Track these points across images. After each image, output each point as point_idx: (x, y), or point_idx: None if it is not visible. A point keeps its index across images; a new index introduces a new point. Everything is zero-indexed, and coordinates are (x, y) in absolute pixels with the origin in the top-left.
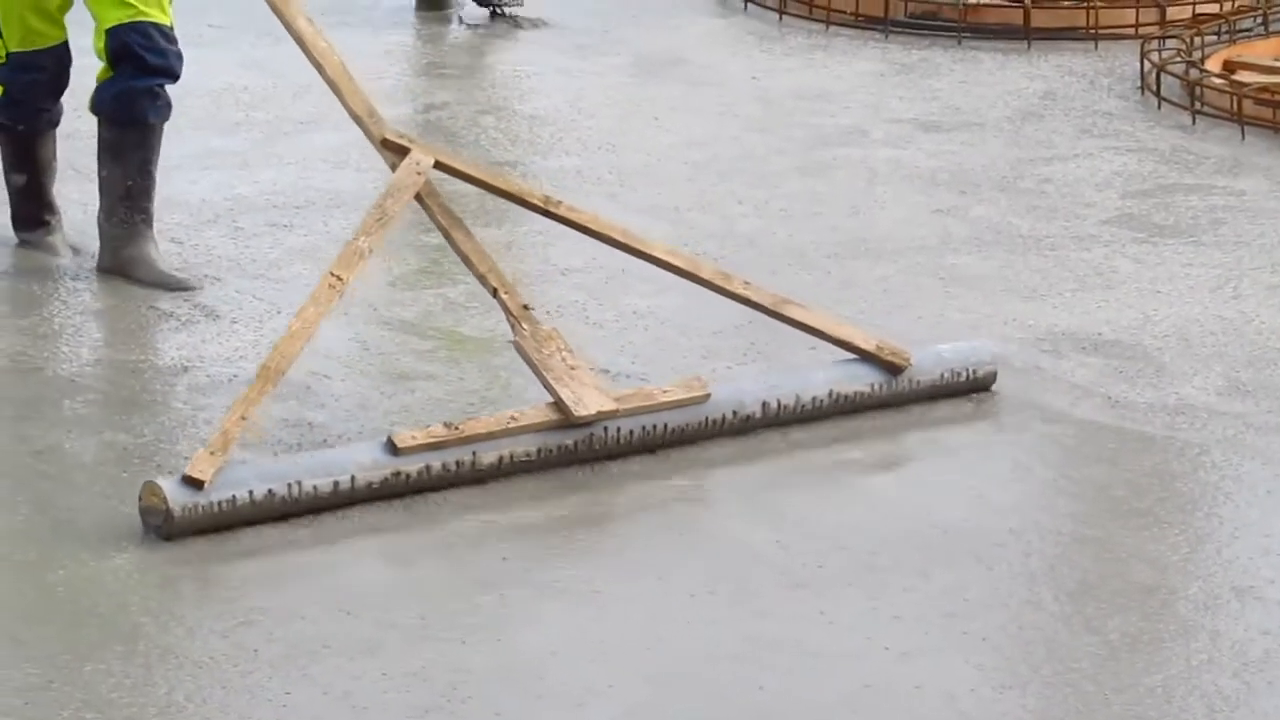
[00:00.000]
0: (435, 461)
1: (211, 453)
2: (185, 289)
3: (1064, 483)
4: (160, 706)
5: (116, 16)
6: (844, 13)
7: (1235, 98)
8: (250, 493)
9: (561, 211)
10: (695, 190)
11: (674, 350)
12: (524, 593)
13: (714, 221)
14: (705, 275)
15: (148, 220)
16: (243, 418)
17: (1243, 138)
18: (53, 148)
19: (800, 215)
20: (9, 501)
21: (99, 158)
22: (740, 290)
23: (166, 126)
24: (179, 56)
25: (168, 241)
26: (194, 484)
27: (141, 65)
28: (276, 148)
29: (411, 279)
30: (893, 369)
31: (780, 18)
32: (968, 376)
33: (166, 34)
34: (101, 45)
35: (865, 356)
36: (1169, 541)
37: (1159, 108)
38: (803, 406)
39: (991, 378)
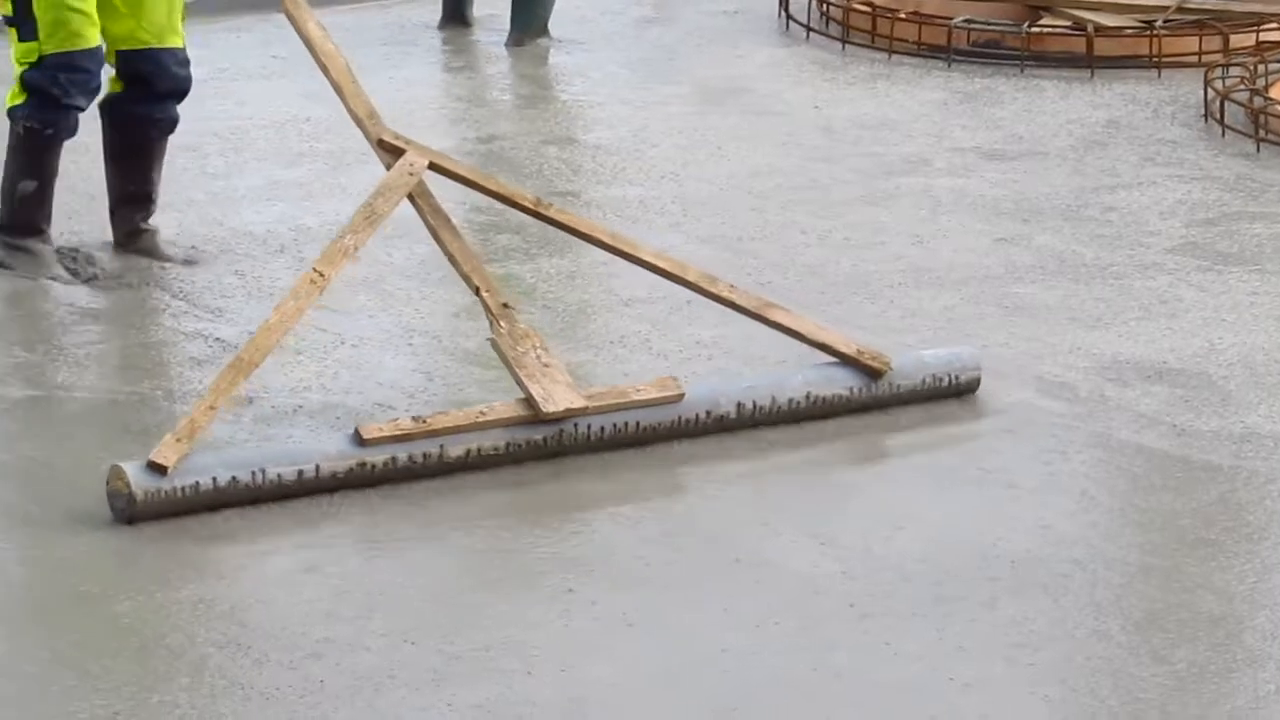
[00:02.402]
0: (401, 454)
1: (178, 440)
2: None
3: (1130, 512)
4: None
5: (129, 40)
6: (906, 41)
7: None
8: (214, 479)
9: (551, 213)
10: (758, 220)
11: None
12: (589, 623)
13: (777, 251)
14: (691, 278)
15: (146, 216)
16: (212, 407)
17: None
18: (59, 158)
19: (863, 245)
20: (77, 532)
21: (105, 154)
22: (725, 293)
23: (231, 158)
24: (189, 75)
25: (232, 274)
26: (158, 469)
27: (151, 93)
28: (340, 179)
29: (475, 309)
30: (873, 373)
31: (843, 47)
32: (950, 382)
33: (180, 58)
34: (112, 60)
35: (846, 360)
36: (1236, 571)
37: (1223, 135)
38: (779, 408)
39: (975, 383)
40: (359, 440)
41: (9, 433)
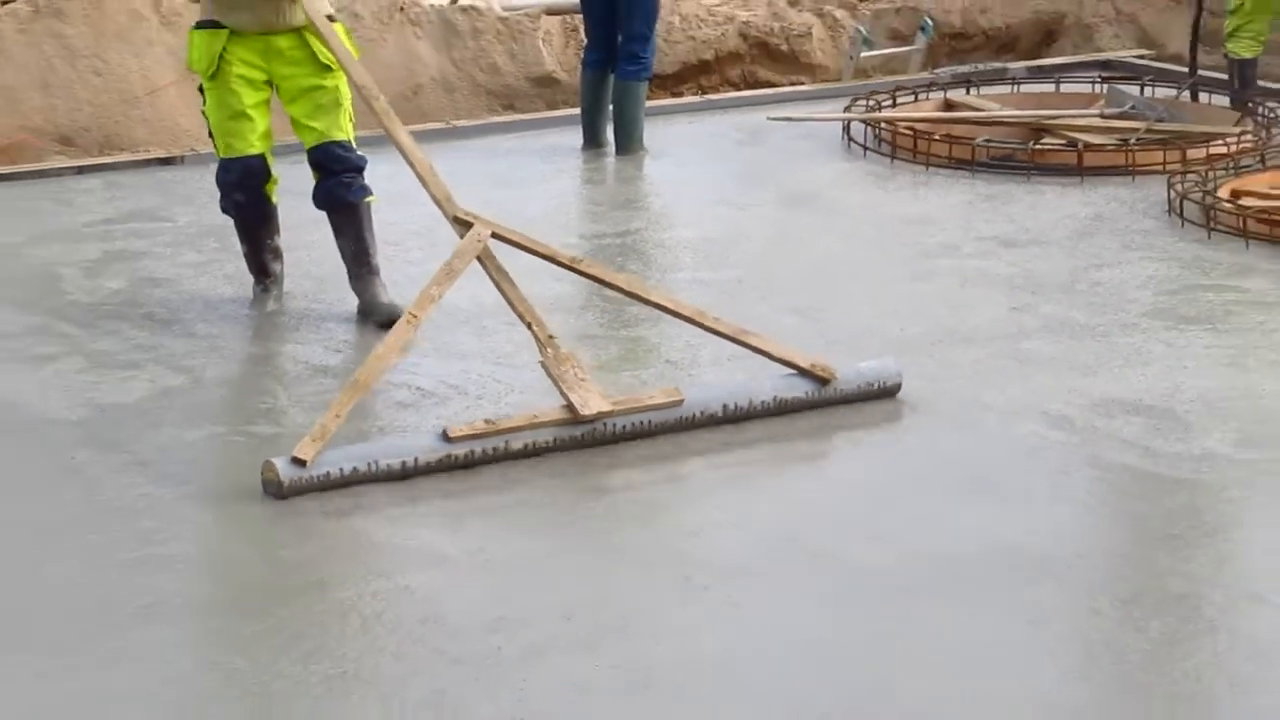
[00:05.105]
0: (478, 447)
1: (313, 440)
2: (399, 314)
3: (1116, 516)
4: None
5: (310, 140)
6: (940, 156)
7: (1241, 218)
8: (340, 469)
9: (583, 267)
10: (828, 293)
11: None
12: (702, 604)
13: (842, 318)
14: (686, 313)
15: (373, 270)
16: (338, 416)
17: (1247, 247)
18: (267, 231)
19: (908, 312)
20: (310, 537)
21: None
22: (710, 323)
23: (427, 250)
24: (359, 157)
25: (424, 340)
26: (299, 463)
27: (330, 171)
28: (510, 263)
29: (613, 365)
30: (822, 381)
31: (891, 161)
32: (879, 387)
33: (345, 145)
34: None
35: (802, 372)
36: (1197, 560)
37: (1182, 226)
38: (754, 408)
39: (897, 387)
40: (446, 438)
41: (255, 465)
